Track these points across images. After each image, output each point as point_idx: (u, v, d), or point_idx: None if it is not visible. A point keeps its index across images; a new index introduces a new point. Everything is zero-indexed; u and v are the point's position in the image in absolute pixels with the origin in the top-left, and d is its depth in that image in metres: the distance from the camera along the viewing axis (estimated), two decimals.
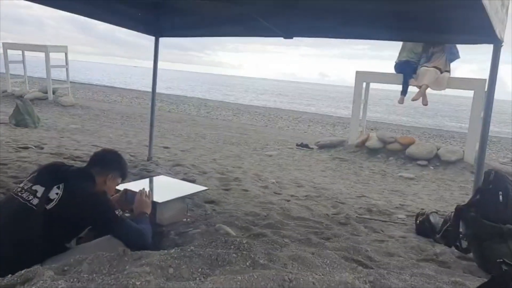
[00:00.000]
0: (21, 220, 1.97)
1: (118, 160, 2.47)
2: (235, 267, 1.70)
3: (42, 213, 1.96)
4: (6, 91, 12.67)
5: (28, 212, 1.97)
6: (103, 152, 2.51)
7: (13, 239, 1.92)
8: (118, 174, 2.42)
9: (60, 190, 2.02)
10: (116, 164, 2.42)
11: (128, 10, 4.53)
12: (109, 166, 2.36)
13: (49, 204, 1.98)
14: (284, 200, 4.22)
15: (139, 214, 2.44)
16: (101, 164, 2.35)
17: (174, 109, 18.20)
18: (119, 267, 1.61)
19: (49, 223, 1.96)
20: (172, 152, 6.71)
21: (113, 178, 2.37)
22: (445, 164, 7.55)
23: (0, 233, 1.93)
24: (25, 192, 2.04)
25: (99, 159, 2.38)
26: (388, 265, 2.33)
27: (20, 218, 1.97)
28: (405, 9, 3.32)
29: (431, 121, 26.95)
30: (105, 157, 2.43)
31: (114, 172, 2.37)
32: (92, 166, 2.32)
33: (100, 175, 2.28)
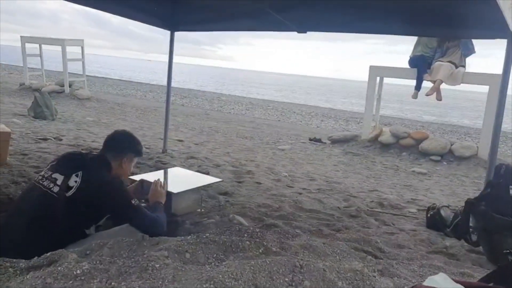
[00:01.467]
0: (43, 207, 2.04)
1: (129, 140, 2.46)
2: (248, 254, 1.77)
3: (62, 200, 2.02)
4: (24, 84, 12.90)
5: (50, 200, 2.03)
6: (114, 135, 2.46)
7: (36, 225, 2.00)
8: (133, 154, 2.42)
9: (78, 178, 2.07)
10: (128, 145, 2.42)
11: (144, 4, 4.61)
12: (122, 148, 2.37)
13: (68, 192, 2.04)
14: (296, 193, 4.28)
15: (154, 203, 2.48)
16: (115, 148, 2.36)
17: (187, 103, 18.33)
18: (138, 251, 1.69)
19: (69, 209, 2.02)
20: (186, 145, 6.81)
21: (128, 160, 2.38)
22: (458, 159, 7.51)
23: (25, 219, 2.02)
24: (46, 180, 2.10)
25: (112, 144, 2.38)
26: (398, 256, 2.38)
27: (43, 205, 2.04)
28: (420, 4, 3.34)
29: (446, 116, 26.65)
30: (117, 140, 2.42)
31: (128, 153, 2.38)
32: (107, 151, 2.34)
33: (115, 159, 2.31)
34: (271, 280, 1.48)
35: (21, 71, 12.98)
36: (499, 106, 3.03)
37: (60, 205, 2.02)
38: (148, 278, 1.42)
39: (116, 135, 2.46)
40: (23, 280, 1.43)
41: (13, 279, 1.46)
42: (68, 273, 1.43)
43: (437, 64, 7.43)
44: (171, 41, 5.23)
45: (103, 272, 1.46)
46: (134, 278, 1.42)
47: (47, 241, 1.95)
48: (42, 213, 2.03)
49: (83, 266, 1.49)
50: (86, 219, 2.15)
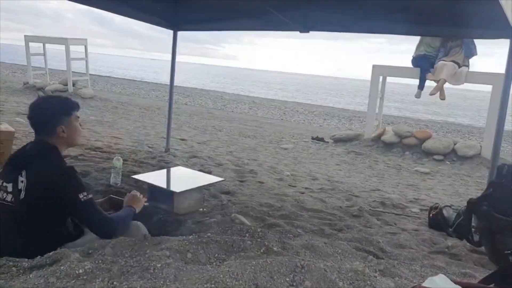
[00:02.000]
0: (6, 220, 1.90)
1: (50, 106, 2.08)
2: (250, 253, 1.78)
3: (19, 206, 1.87)
4: (28, 83, 12.96)
5: (8, 211, 1.89)
6: (32, 113, 2.04)
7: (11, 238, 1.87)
8: (64, 115, 2.04)
9: (23, 177, 1.88)
10: (53, 111, 2.04)
11: (147, 4, 4.62)
12: (49, 120, 2.00)
13: (20, 195, 1.87)
14: (299, 192, 4.29)
15: (126, 207, 2.22)
16: (41, 125, 2.02)
17: (190, 102, 18.36)
18: (140, 251, 1.70)
19: (29, 213, 1.87)
20: (189, 144, 6.83)
21: (66, 124, 2.02)
22: (462, 159, 7.49)
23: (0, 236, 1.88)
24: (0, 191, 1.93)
25: (36, 122, 2.03)
26: (399, 256, 2.38)
27: (4, 217, 1.90)
28: (423, 4, 3.33)
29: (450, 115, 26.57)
30: (38, 116, 2.03)
31: (59, 120, 2.00)
32: (38, 133, 2.02)
33: (51, 135, 1.99)
34: (272, 280, 1.49)
35: (25, 70, 13.03)
36: (502, 106, 3.03)
37: (19, 212, 1.87)
38: (150, 278, 1.43)
39: (33, 112, 2.03)
40: (26, 279, 1.44)
41: (16, 278, 1.47)
42: (70, 273, 1.44)
43: (440, 64, 7.42)
44: (174, 41, 5.24)
45: (105, 272, 1.47)
46: (136, 278, 1.43)
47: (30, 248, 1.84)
48: (8, 227, 1.90)
49: (86, 266, 1.50)
50: (51, 214, 1.92)
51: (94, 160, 4.32)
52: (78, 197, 1.87)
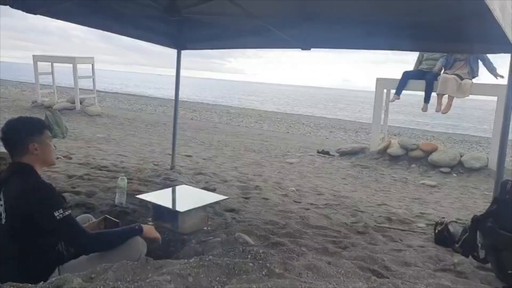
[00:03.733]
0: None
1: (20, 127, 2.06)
2: (252, 276, 1.78)
3: (4, 231, 1.87)
4: (36, 102, 13.15)
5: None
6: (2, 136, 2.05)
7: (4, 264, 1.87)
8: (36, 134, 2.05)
9: (1, 201, 1.90)
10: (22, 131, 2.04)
11: (151, 25, 4.70)
12: (19, 141, 2.02)
13: (1, 219, 1.87)
14: (304, 208, 4.27)
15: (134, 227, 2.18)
16: (12, 145, 2.03)
17: (196, 117, 18.45)
18: (142, 275, 1.71)
19: (13, 234, 1.87)
20: (194, 161, 6.85)
21: (38, 142, 2.03)
22: (468, 171, 7.43)
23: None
24: None
25: (7, 144, 2.04)
26: (404, 275, 2.36)
27: None
28: (422, 20, 3.36)
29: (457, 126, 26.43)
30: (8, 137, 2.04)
31: (29, 139, 2.01)
32: (12, 155, 2.04)
33: (23, 154, 2.00)
34: None
35: (33, 88, 13.21)
36: (505, 120, 3.02)
37: (3, 236, 1.87)
38: None
39: (5, 134, 2.04)
40: None
41: None
42: None
43: (443, 78, 7.44)
44: (178, 59, 5.31)
45: None
46: None
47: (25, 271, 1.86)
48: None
49: None
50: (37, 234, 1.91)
51: (99, 179, 4.35)
52: (53, 215, 1.85)
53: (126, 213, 3.42)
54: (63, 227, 1.89)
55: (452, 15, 3.01)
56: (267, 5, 3.76)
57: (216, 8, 3.86)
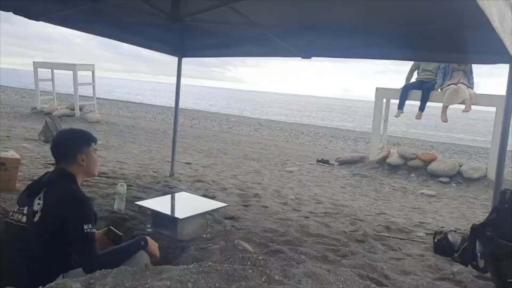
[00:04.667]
0: (19, 241, 2.00)
1: (71, 138, 2.26)
2: (251, 283, 1.78)
3: (32, 228, 1.97)
4: (36, 108, 13.16)
5: (22, 231, 1.99)
6: (54, 144, 2.23)
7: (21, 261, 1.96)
8: (84, 146, 2.21)
9: (40, 200, 2.00)
10: (73, 142, 2.21)
11: (152, 32, 4.73)
12: (69, 150, 2.17)
13: (35, 217, 1.97)
14: (303, 216, 4.27)
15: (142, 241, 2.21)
16: (62, 154, 2.18)
17: (196, 125, 18.48)
18: (141, 281, 1.71)
19: (41, 234, 1.96)
20: (194, 168, 6.85)
21: (85, 154, 2.19)
22: (468, 181, 7.44)
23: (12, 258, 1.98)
24: (15, 214, 2.06)
25: (57, 152, 2.20)
26: (403, 283, 2.36)
27: (18, 239, 2.01)
28: (422, 30, 3.39)
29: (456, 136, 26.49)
30: (59, 146, 2.21)
31: (78, 149, 2.17)
32: (59, 163, 2.18)
33: (71, 163, 2.15)
34: None
35: (33, 94, 13.23)
36: (504, 130, 3.03)
37: (32, 234, 1.97)
38: None
39: (55, 143, 2.23)
40: None
41: None
42: None
43: (452, 88, 7.49)
44: (179, 67, 5.34)
45: None
46: None
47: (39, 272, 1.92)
48: (20, 248, 2.00)
49: None
50: (61, 239, 1.99)
51: (98, 186, 4.35)
52: (83, 227, 1.95)
53: (125, 219, 3.41)
54: (85, 241, 1.97)
55: (451, 26, 3.05)
56: (269, 14, 3.80)
57: (219, 17, 3.89)
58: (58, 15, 3.90)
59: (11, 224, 2.05)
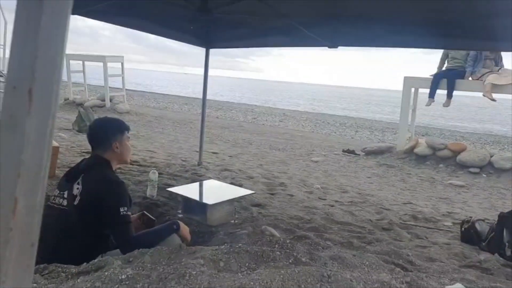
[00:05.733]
0: (60, 223, 2.12)
1: (106, 125, 2.39)
2: (279, 263, 1.86)
3: (72, 211, 2.09)
4: (68, 99, 13.59)
5: (63, 214, 2.11)
6: (91, 131, 2.39)
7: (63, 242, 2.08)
8: (118, 134, 2.33)
9: (79, 184, 2.12)
10: (108, 130, 2.34)
11: (180, 23, 4.84)
12: (105, 137, 2.29)
13: (75, 200, 2.09)
14: (328, 205, 4.32)
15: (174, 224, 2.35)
16: (98, 141, 2.31)
17: (222, 115, 18.66)
18: (176, 259, 1.82)
19: (80, 217, 2.08)
20: (220, 157, 6.98)
21: (119, 141, 2.31)
22: (499, 171, 7.29)
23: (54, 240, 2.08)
24: (57, 198, 2.18)
25: (93, 139, 2.33)
26: (428, 269, 2.39)
27: (60, 222, 2.12)
28: (449, 18, 3.35)
29: (488, 125, 25.77)
30: (95, 133, 2.35)
31: (113, 137, 2.29)
32: (95, 149, 2.31)
33: (106, 150, 2.27)
34: None
35: (65, 86, 13.64)
36: None
37: (72, 216, 2.09)
38: (186, 284, 1.54)
39: (92, 130, 2.39)
40: (74, 283, 1.58)
41: (65, 282, 1.61)
42: (114, 278, 1.57)
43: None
44: (206, 58, 5.44)
45: (145, 278, 1.59)
46: (173, 284, 1.54)
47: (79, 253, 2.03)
48: (61, 230, 2.11)
49: (127, 272, 1.63)
50: (99, 222, 2.12)
51: (131, 173, 4.52)
52: (119, 210, 2.07)
53: (157, 205, 3.56)
54: (122, 223, 2.10)
55: (480, 13, 3.01)
56: (296, 4, 3.83)
57: (246, 8, 3.95)
58: (92, 8, 4.04)
59: (52, 207, 2.19)
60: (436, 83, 8.07)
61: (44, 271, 1.70)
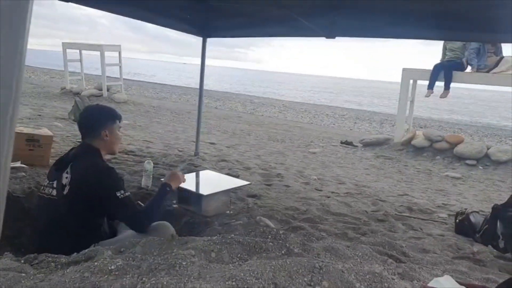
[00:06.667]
0: (50, 213, 2.12)
1: (97, 113, 2.35)
2: (271, 254, 1.86)
3: (62, 200, 2.07)
4: (65, 88, 13.52)
5: (53, 204, 2.10)
6: (81, 119, 2.36)
7: (53, 232, 2.09)
8: (108, 122, 2.31)
9: (68, 174, 2.10)
10: (98, 117, 2.31)
11: (177, 13, 4.78)
12: (94, 125, 2.27)
13: (64, 190, 2.07)
14: (325, 196, 4.32)
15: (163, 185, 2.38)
16: (88, 129, 2.28)
17: (220, 106, 18.61)
18: (167, 250, 1.81)
19: (70, 206, 2.06)
20: (218, 148, 6.96)
21: (109, 130, 2.28)
22: (495, 164, 7.30)
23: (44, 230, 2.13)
24: (46, 188, 2.16)
25: (83, 127, 2.30)
26: (422, 260, 2.39)
27: (49, 211, 2.12)
28: (451, 9, 3.32)
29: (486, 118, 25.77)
30: (85, 121, 2.32)
31: (103, 125, 2.27)
32: (85, 137, 2.29)
33: (95, 138, 2.25)
34: (290, 279, 1.56)
35: (62, 75, 13.56)
36: None
37: (62, 205, 2.08)
38: (176, 275, 1.53)
39: (82, 117, 2.36)
40: (63, 273, 1.57)
41: (55, 272, 1.60)
42: (103, 268, 1.56)
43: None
44: (203, 48, 5.39)
45: (135, 268, 1.58)
46: (163, 275, 1.53)
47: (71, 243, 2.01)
48: (52, 220, 2.11)
49: (117, 263, 1.62)
50: (90, 211, 2.12)
51: (126, 163, 4.50)
52: (116, 195, 2.07)
53: (152, 195, 3.53)
54: (124, 206, 2.10)
55: (479, 5, 2.97)
56: None
57: None
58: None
59: (42, 198, 2.18)
60: (435, 75, 8.05)
61: (33, 261, 1.69)
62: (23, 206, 2.95)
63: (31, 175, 3.43)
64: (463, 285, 1.26)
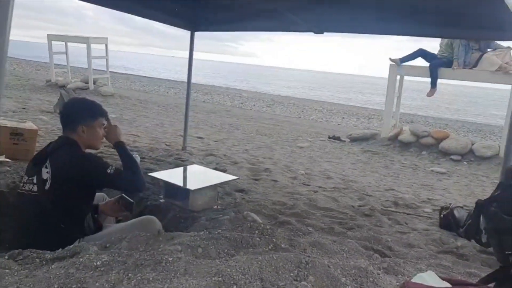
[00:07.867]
0: (32, 209, 2.08)
1: (77, 108, 2.29)
2: (258, 249, 1.86)
3: (44, 195, 2.04)
4: (50, 81, 13.31)
5: (34, 200, 2.06)
6: (62, 111, 2.33)
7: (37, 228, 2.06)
8: (89, 118, 2.24)
9: (48, 168, 2.06)
10: (78, 112, 2.26)
11: (165, 5, 4.73)
12: (73, 119, 2.21)
13: (46, 185, 2.04)
14: (312, 191, 4.35)
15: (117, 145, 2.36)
16: (67, 122, 2.23)
17: (209, 100, 18.53)
18: (154, 246, 1.80)
19: (53, 201, 2.04)
20: (206, 142, 6.94)
21: (87, 126, 2.22)
22: (479, 159, 7.42)
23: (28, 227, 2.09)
24: (26, 184, 2.13)
25: (63, 120, 2.26)
26: (406, 255, 2.43)
27: (31, 208, 2.09)
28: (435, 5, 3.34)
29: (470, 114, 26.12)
30: (65, 114, 2.27)
31: (81, 121, 2.20)
32: (64, 130, 2.24)
33: (73, 132, 2.19)
34: (276, 274, 1.57)
35: (47, 67, 13.35)
36: None
37: (44, 201, 2.05)
38: (162, 271, 1.53)
39: (63, 110, 2.32)
40: (48, 269, 1.56)
41: (39, 268, 1.59)
42: (89, 264, 1.55)
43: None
44: (191, 41, 5.35)
45: (121, 264, 1.58)
46: (149, 270, 1.53)
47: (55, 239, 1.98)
48: (35, 216, 2.08)
49: (103, 258, 1.61)
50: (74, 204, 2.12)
51: (113, 157, 4.45)
52: (107, 172, 2.10)
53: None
54: (118, 178, 2.14)
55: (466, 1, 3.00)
56: None
57: None
58: None
59: (23, 195, 2.13)
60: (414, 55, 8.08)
61: (18, 257, 1.67)
62: (7, 201, 2.91)
63: (16, 170, 3.37)
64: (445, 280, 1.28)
